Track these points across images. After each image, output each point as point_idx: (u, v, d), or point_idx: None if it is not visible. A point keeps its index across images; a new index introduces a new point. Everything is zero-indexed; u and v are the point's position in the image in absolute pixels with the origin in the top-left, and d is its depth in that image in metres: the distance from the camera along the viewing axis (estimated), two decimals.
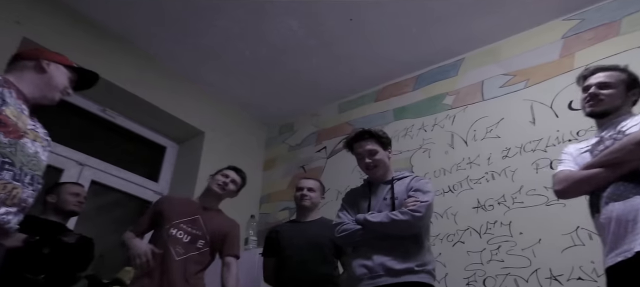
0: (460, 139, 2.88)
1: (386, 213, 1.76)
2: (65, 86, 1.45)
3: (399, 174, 1.96)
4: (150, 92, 3.09)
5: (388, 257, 1.70)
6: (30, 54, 1.43)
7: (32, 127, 1.33)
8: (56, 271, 2.06)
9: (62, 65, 1.45)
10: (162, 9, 2.79)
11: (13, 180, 1.19)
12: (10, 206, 1.19)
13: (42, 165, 1.32)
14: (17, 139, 1.22)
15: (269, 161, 3.89)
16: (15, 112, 1.25)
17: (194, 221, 2.20)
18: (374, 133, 1.98)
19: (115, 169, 3.00)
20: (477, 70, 3.04)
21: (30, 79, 1.38)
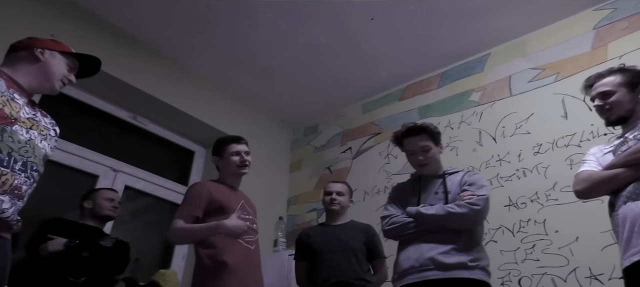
0: (489, 136, 2.83)
1: (441, 205, 1.71)
2: (64, 74, 1.41)
3: (451, 169, 1.90)
4: (178, 98, 3.16)
5: (439, 250, 1.63)
6: (23, 43, 1.40)
7: (31, 116, 1.31)
8: (95, 274, 2.14)
9: (58, 52, 1.41)
10: (188, 18, 2.85)
11: (2, 167, 1.16)
12: (2, 193, 1.16)
13: (39, 152, 1.30)
14: (4, 125, 1.19)
15: (295, 162, 3.91)
16: (2, 100, 1.22)
17: (242, 206, 2.07)
18: (427, 128, 1.89)
19: (146, 174, 3.08)
20: (504, 65, 2.98)
21: (25, 69, 1.35)
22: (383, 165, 3.26)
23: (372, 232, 2.36)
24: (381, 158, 3.31)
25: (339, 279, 2.14)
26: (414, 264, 1.66)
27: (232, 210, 1.95)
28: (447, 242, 1.64)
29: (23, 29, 2.42)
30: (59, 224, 2.19)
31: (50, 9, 2.61)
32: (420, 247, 1.67)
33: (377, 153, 3.36)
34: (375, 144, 3.42)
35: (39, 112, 1.38)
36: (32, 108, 1.34)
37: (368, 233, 2.33)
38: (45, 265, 2.03)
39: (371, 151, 3.41)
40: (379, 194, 3.16)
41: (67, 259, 2.06)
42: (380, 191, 3.16)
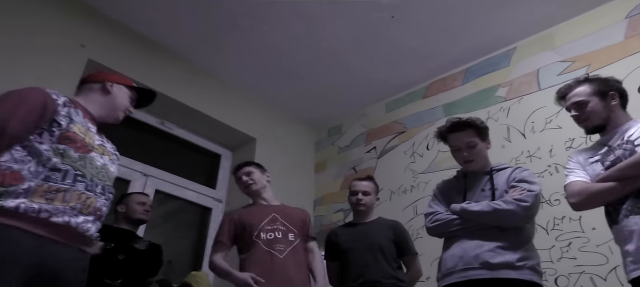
0: (517, 132, 2.77)
1: (487, 202, 1.64)
2: (126, 106, 1.56)
3: (499, 165, 1.83)
4: (203, 103, 3.21)
5: (485, 249, 1.57)
6: (96, 77, 1.55)
7: (100, 142, 1.43)
8: (131, 276, 2.20)
9: (124, 85, 1.57)
10: (212, 24, 2.90)
11: (86, 190, 1.28)
12: (87, 214, 1.28)
13: (111, 176, 1.43)
14: (85, 153, 1.32)
15: (320, 163, 3.92)
16: (82, 129, 1.35)
17: (272, 219, 2.21)
18: (472, 122, 1.80)
19: (176, 178, 3.15)
20: (531, 58, 2.92)
21: (97, 100, 1.49)
22: (409, 164, 3.24)
23: (400, 229, 2.32)
24: (406, 157, 3.29)
25: (367, 278, 2.11)
26: (458, 262, 1.61)
27: (257, 227, 2.15)
28: (493, 240, 1.58)
29: (53, 38, 2.52)
30: None
31: (78, 19, 2.69)
32: (465, 245, 1.62)
33: (402, 152, 3.34)
34: (400, 143, 3.39)
35: (105, 138, 1.51)
36: (100, 135, 1.47)
37: (396, 229, 2.28)
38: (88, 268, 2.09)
39: (396, 149, 3.39)
40: (405, 193, 3.14)
41: (103, 261, 2.12)
42: (407, 190, 3.14)
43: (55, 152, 1.25)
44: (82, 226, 1.25)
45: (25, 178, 1.18)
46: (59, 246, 1.21)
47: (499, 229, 1.60)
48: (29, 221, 1.15)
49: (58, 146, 1.26)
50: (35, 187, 1.18)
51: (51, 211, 1.19)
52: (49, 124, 1.27)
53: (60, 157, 1.25)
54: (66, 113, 1.32)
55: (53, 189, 1.21)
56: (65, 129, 1.29)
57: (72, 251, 1.25)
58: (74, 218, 1.23)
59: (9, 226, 1.12)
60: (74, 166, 1.27)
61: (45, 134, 1.26)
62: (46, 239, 1.18)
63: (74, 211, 1.24)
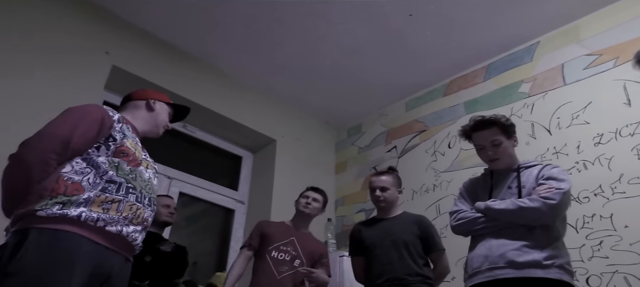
0: (542, 128, 2.71)
1: (512, 200, 1.60)
2: (166, 122, 1.66)
3: (528, 162, 1.77)
4: (224, 106, 3.25)
5: (511, 248, 1.53)
6: (140, 94, 1.65)
7: (145, 157, 1.51)
8: (157, 278, 2.24)
9: (164, 103, 1.67)
10: (231, 28, 2.94)
11: (136, 202, 1.36)
12: (136, 224, 1.36)
13: (155, 188, 1.50)
14: (136, 167, 1.41)
15: (340, 164, 3.91)
16: (133, 144, 1.44)
17: (290, 242, 2.39)
18: (497, 121, 1.76)
19: (199, 181, 3.19)
20: (555, 53, 2.85)
21: (142, 117, 1.59)
22: (430, 163, 3.21)
23: (426, 223, 2.22)
24: (428, 156, 3.25)
25: (391, 275, 2.04)
26: (484, 262, 1.58)
27: (272, 243, 2.35)
28: (520, 239, 1.54)
29: (78, 46, 2.59)
30: None
31: (103, 26, 2.76)
32: (490, 244, 1.59)
33: (423, 151, 3.31)
34: (421, 142, 3.36)
35: (146, 152, 1.59)
36: (144, 150, 1.55)
37: (421, 225, 2.19)
38: None
39: (417, 148, 3.36)
40: (427, 192, 3.11)
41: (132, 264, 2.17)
42: (429, 189, 3.11)
43: (110, 165, 1.34)
44: (131, 235, 1.33)
45: (85, 189, 1.27)
46: (111, 253, 1.29)
47: (526, 227, 1.56)
48: (88, 229, 1.24)
49: (113, 159, 1.36)
50: (93, 197, 1.27)
51: (107, 220, 1.27)
52: (106, 139, 1.37)
53: (115, 170, 1.34)
54: (120, 129, 1.42)
55: (108, 199, 1.29)
56: (119, 144, 1.38)
57: (120, 259, 1.33)
58: (125, 228, 1.31)
59: (72, 233, 1.21)
60: (126, 178, 1.35)
61: (102, 148, 1.36)
62: (101, 246, 1.26)
63: (126, 220, 1.31)
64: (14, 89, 2.27)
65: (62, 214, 1.20)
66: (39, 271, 1.13)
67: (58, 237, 1.19)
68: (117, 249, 1.31)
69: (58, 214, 1.20)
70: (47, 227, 1.19)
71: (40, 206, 1.21)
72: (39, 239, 1.17)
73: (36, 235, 1.18)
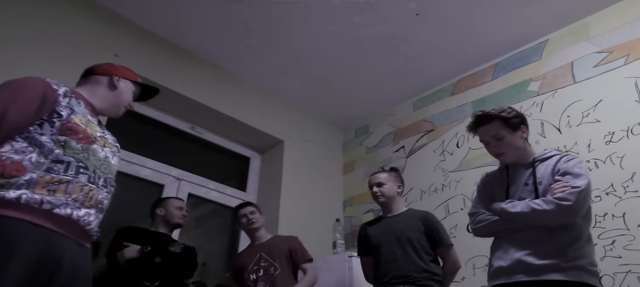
0: (552, 127, 2.69)
1: (526, 202, 1.54)
2: (129, 101, 1.53)
3: (543, 154, 1.69)
4: (231, 107, 3.25)
5: (527, 251, 1.49)
6: (104, 69, 1.51)
7: (102, 134, 1.40)
8: (168, 278, 2.25)
9: (130, 81, 1.54)
10: (238, 30, 2.95)
11: (89, 182, 1.26)
12: (89, 207, 1.25)
13: (113, 168, 1.39)
14: (88, 144, 1.29)
15: (348, 164, 3.91)
16: (83, 120, 1.32)
17: (258, 259, 2.43)
18: (497, 115, 1.69)
19: (207, 182, 3.20)
20: (565, 51, 2.83)
21: (101, 94, 1.46)
22: (438, 162, 3.19)
23: (432, 219, 2.19)
24: (436, 155, 3.24)
25: (397, 273, 2.01)
26: (502, 264, 1.55)
27: (246, 270, 2.41)
28: (538, 240, 1.49)
29: (87, 48, 2.60)
30: (133, 231, 2.32)
31: (111, 29, 2.77)
32: (509, 246, 1.55)
33: (431, 150, 3.29)
34: (428, 142, 3.35)
35: (105, 130, 1.48)
36: (101, 127, 1.44)
37: (426, 220, 2.16)
38: (124, 271, 2.15)
39: (425, 148, 3.35)
40: (436, 192, 3.09)
41: (141, 264, 2.18)
42: (438, 189, 3.10)
43: (56, 143, 1.22)
44: (83, 218, 1.23)
45: (27, 169, 1.16)
46: (60, 237, 1.19)
47: (545, 229, 1.50)
48: (31, 212, 1.13)
49: (59, 137, 1.24)
50: (37, 178, 1.16)
51: (54, 202, 1.17)
52: (49, 115, 1.25)
53: (62, 149, 1.23)
54: (67, 103, 1.30)
55: (55, 180, 1.18)
56: (66, 120, 1.26)
57: (72, 244, 1.23)
58: (76, 211, 1.21)
59: (10, 218, 1.10)
60: (76, 157, 1.24)
61: (45, 125, 1.23)
62: (48, 230, 1.15)
63: (76, 203, 1.21)
64: None
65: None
66: None
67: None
68: (68, 234, 1.21)
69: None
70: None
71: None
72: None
73: None
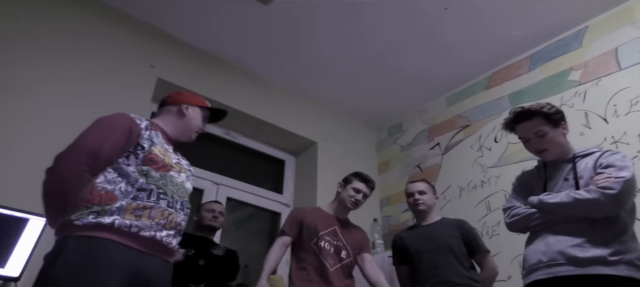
0: (597, 117, 2.58)
1: (567, 192, 1.50)
2: (199, 127, 1.66)
3: (584, 150, 1.66)
4: (265, 111, 3.30)
5: (571, 243, 1.44)
6: (173, 99, 1.65)
7: (177, 160, 1.53)
8: (211, 281, 2.30)
9: (198, 107, 1.66)
10: (269, 36, 3.00)
11: (168, 207, 1.40)
12: (169, 229, 1.40)
13: (188, 192, 1.53)
14: (165, 172, 1.44)
15: (383, 163, 3.88)
16: (162, 150, 1.47)
17: (333, 232, 2.25)
18: (538, 111, 1.65)
19: (245, 185, 3.26)
20: (607, 37, 2.72)
21: (173, 122, 1.60)
22: (476, 158, 3.12)
23: (467, 226, 2.21)
24: (473, 151, 3.17)
25: (439, 279, 2.03)
26: (542, 258, 1.49)
27: (317, 234, 2.18)
28: (580, 234, 1.44)
29: (124, 60, 2.70)
30: None
31: (147, 41, 2.87)
32: (548, 240, 1.50)
33: (468, 146, 3.23)
34: (465, 138, 3.28)
35: (180, 155, 1.61)
36: (176, 154, 1.58)
37: (462, 228, 2.19)
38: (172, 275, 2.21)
39: (461, 144, 3.28)
40: (475, 189, 3.03)
41: (186, 267, 2.24)
42: (477, 185, 3.03)
43: (140, 173, 1.38)
44: (165, 239, 1.37)
45: (118, 198, 1.32)
46: (147, 256, 1.33)
47: (588, 220, 1.45)
48: (122, 235, 1.29)
49: (142, 168, 1.39)
50: (126, 205, 1.32)
51: (140, 226, 1.31)
52: (134, 147, 1.40)
53: (144, 178, 1.38)
54: (148, 136, 1.45)
55: (140, 206, 1.34)
56: (148, 151, 1.41)
57: (158, 261, 1.38)
58: (158, 232, 1.35)
59: (106, 239, 1.26)
60: (156, 184, 1.39)
61: (131, 157, 1.39)
62: (137, 251, 1.31)
63: (158, 226, 1.36)
64: (64, 103, 2.37)
65: (97, 222, 1.26)
66: (74, 277, 1.19)
67: (93, 244, 1.24)
68: (154, 252, 1.35)
69: (93, 223, 1.26)
70: (83, 235, 1.25)
71: (76, 215, 1.27)
72: (75, 247, 1.23)
73: (73, 243, 1.24)
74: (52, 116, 2.29)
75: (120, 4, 2.79)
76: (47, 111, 2.29)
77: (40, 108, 2.28)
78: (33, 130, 2.20)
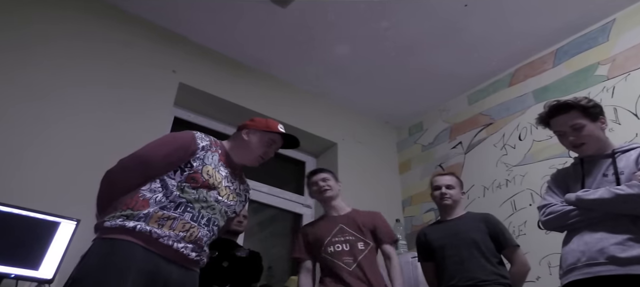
0: (628, 113, 2.51)
1: (607, 188, 1.46)
2: (260, 154, 1.68)
3: (624, 146, 1.60)
4: (284, 113, 3.29)
5: (612, 242, 1.40)
6: (243, 124, 1.72)
7: (228, 184, 1.58)
8: (236, 282, 2.32)
9: (262, 132, 1.68)
10: (287, 39, 3.01)
11: (191, 220, 1.43)
12: (188, 242, 1.42)
13: (223, 211, 1.55)
14: (204, 189, 1.48)
15: (404, 163, 3.85)
16: (211, 171, 1.51)
17: (340, 231, 2.21)
18: (576, 104, 1.60)
19: (267, 188, 3.27)
20: (636, 29, 2.64)
21: (237, 146, 1.68)
22: (500, 157, 3.07)
23: (493, 220, 2.13)
24: (497, 150, 3.11)
25: (465, 275, 1.96)
26: (580, 257, 1.45)
27: (324, 241, 2.17)
28: (622, 232, 1.39)
29: (147, 65, 2.75)
30: None
31: (169, 47, 2.91)
32: (587, 239, 1.46)
33: (491, 145, 3.17)
34: (488, 136, 3.23)
35: (239, 181, 1.69)
36: (234, 177, 1.64)
37: (488, 222, 2.11)
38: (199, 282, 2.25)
39: (484, 143, 3.23)
40: (500, 188, 2.97)
41: (210, 269, 2.26)
42: (501, 184, 2.97)
43: (178, 187, 1.44)
44: (182, 249, 1.40)
45: (150, 206, 1.38)
46: (166, 261, 1.37)
47: (629, 217, 1.41)
48: (142, 238, 1.34)
49: (182, 183, 1.45)
50: (153, 213, 1.37)
51: (159, 234, 1.36)
52: (185, 164, 1.48)
53: (180, 191, 1.44)
54: (202, 156, 1.51)
55: (165, 216, 1.38)
56: (193, 171, 1.47)
57: (178, 268, 1.41)
58: (176, 243, 1.39)
59: (127, 241, 1.32)
60: (188, 198, 1.44)
61: (178, 172, 1.47)
62: (158, 255, 1.35)
63: (177, 237, 1.39)
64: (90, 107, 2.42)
65: (122, 225, 1.32)
66: (95, 275, 1.25)
67: (115, 245, 1.30)
68: (173, 259, 1.38)
69: (118, 225, 1.32)
70: (108, 237, 1.32)
71: (108, 218, 1.35)
72: (99, 248, 1.31)
73: (98, 243, 1.33)
74: (78, 121, 2.34)
75: (143, 11, 2.84)
76: (74, 116, 2.35)
77: (68, 113, 2.34)
78: (61, 135, 2.26)
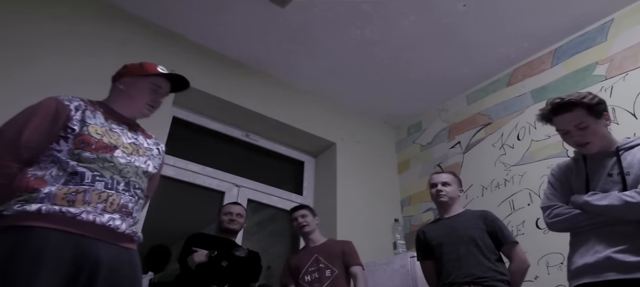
0: (626, 113, 2.52)
1: (616, 194, 1.41)
2: (146, 101, 1.48)
3: (628, 142, 1.54)
4: (283, 113, 3.31)
5: (617, 247, 1.37)
6: (116, 75, 1.51)
7: (133, 140, 1.43)
8: (235, 282, 2.32)
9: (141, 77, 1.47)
10: (285, 38, 3.01)
11: (106, 189, 1.28)
12: (112, 212, 1.27)
13: (140, 171, 1.40)
14: (105, 153, 1.32)
15: (403, 163, 3.85)
16: (100, 130, 1.35)
17: (315, 261, 2.46)
18: (579, 101, 1.52)
19: (265, 187, 3.27)
20: (634, 29, 2.65)
21: (118, 99, 1.47)
22: (499, 156, 3.07)
23: (491, 217, 2.11)
24: (495, 149, 3.12)
25: (462, 271, 1.95)
26: (587, 261, 1.43)
27: (301, 271, 2.45)
28: (628, 236, 1.37)
29: None
30: (201, 238, 2.42)
31: (165, 45, 2.90)
32: (594, 242, 1.43)
33: (490, 145, 3.18)
34: (486, 135, 3.23)
35: (141, 134, 1.50)
36: (134, 132, 1.47)
37: (486, 219, 2.10)
38: (195, 275, 2.25)
39: (483, 143, 3.24)
40: (498, 188, 2.98)
41: (210, 268, 2.27)
42: (500, 184, 2.98)
43: (72, 156, 1.28)
44: (109, 223, 1.26)
45: (47, 182, 1.23)
46: (92, 241, 1.22)
47: (636, 223, 1.38)
48: (54, 221, 1.18)
49: (74, 151, 1.28)
50: (55, 191, 1.22)
51: (73, 212, 1.20)
52: (64, 131, 1.30)
53: (76, 161, 1.27)
54: (80, 117, 1.34)
55: (72, 191, 1.23)
56: (78, 133, 1.31)
57: (109, 246, 1.25)
58: (99, 217, 1.24)
59: (33, 227, 1.16)
60: (90, 167, 1.28)
61: (61, 141, 1.29)
62: (78, 235, 1.20)
63: (96, 210, 1.24)
64: None
65: (22, 210, 1.17)
66: (3, 269, 1.10)
67: (20, 233, 1.15)
68: (101, 237, 1.24)
69: (18, 211, 1.17)
70: (10, 224, 1.17)
71: (4, 206, 1.19)
72: (2, 239, 1.15)
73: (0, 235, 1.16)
74: None
75: (141, 9, 2.83)
76: None
77: None
78: None
